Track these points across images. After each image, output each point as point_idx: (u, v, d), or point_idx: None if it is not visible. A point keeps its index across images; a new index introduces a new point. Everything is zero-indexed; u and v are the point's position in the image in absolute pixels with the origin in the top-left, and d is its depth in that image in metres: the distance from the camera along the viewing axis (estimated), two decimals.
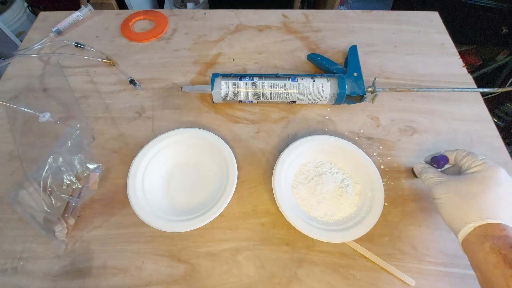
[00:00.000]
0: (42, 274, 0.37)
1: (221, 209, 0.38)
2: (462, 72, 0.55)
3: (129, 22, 0.61)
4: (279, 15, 0.63)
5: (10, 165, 0.45)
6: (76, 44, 0.57)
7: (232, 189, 0.39)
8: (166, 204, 0.41)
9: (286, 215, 0.38)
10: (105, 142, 0.47)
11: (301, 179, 0.42)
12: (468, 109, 0.51)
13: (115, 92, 0.52)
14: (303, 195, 0.41)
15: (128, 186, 0.39)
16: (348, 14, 0.63)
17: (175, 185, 0.43)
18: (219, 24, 0.62)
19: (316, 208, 0.40)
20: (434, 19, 0.63)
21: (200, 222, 0.37)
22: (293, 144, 0.43)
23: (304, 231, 0.37)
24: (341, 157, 0.44)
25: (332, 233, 0.37)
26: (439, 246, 0.39)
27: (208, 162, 0.44)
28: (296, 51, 0.58)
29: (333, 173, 0.42)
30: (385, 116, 0.50)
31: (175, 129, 0.44)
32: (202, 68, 0.55)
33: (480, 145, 0.47)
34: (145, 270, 0.38)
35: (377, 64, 0.56)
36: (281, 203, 0.38)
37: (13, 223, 0.40)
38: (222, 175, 0.42)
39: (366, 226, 0.37)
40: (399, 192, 0.43)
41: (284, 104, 0.51)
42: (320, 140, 0.44)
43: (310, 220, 0.39)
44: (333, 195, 0.41)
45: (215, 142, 0.43)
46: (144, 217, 0.37)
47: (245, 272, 0.38)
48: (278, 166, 0.41)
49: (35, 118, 0.47)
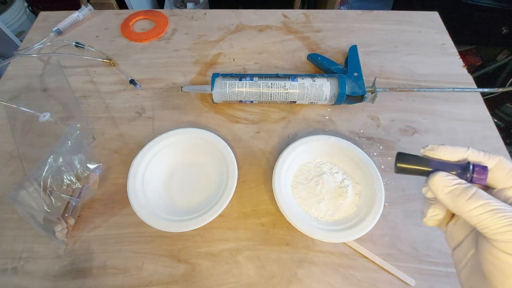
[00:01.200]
0: (42, 274, 0.37)
1: (221, 209, 0.38)
2: (462, 72, 0.55)
3: (129, 22, 0.61)
4: (279, 15, 0.63)
5: (10, 165, 0.45)
6: (76, 44, 0.57)
7: (232, 189, 0.39)
8: (166, 204, 0.41)
9: (286, 215, 0.38)
10: (105, 142, 0.47)
11: (301, 179, 0.42)
12: (468, 109, 0.51)
13: (115, 92, 0.52)
14: (303, 195, 0.41)
15: (128, 186, 0.39)
16: (348, 14, 0.63)
17: (175, 185, 0.43)
18: (219, 24, 0.62)
19: (316, 208, 0.40)
20: (435, 19, 0.63)
21: (200, 222, 0.37)
22: (293, 144, 0.43)
23: (304, 231, 0.37)
24: (341, 157, 0.44)
25: (332, 233, 0.37)
26: (439, 246, 0.39)
27: (208, 162, 0.44)
28: (296, 51, 0.58)
29: (333, 173, 0.42)
30: (385, 116, 0.50)
31: (175, 129, 0.44)
32: (202, 68, 0.55)
33: (480, 145, 0.47)
34: (145, 270, 0.38)
35: (377, 64, 0.56)
36: (281, 203, 0.38)
37: (13, 223, 0.40)
38: (222, 175, 0.42)
39: (366, 226, 0.37)
40: (399, 192, 0.43)
41: (284, 104, 0.51)
42: (320, 140, 0.44)
43: (310, 220, 0.39)
44: (333, 195, 0.41)
45: (215, 142, 0.43)
46: (144, 217, 0.37)
47: (245, 272, 0.38)
48: (278, 166, 0.41)
49: (35, 118, 0.47)
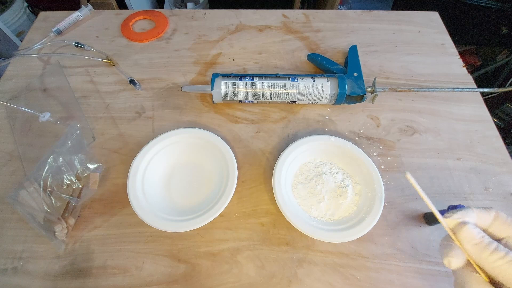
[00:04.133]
0: (42, 274, 0.37)
1: (221, 209, 0.38)
2: (462, 72, 0.55)
3: (129, 22, 0.61)
4: (279, 15, 0.63)
5: (10, 165, 0.45)
6: (76, 44, 0.57)
7: (232, 189, 0.39)
8: (166, 204, 0.41)
9: (286, 215, 0.38)
10: (105, 142, 0.47)
11: (301, 179, 0.43)
12: (468, 109, 0.51)
13: (115, 92, 0.52)
14: (303, 195, 0.41)
15: (128, 186, 0.39)
16: (348, 14, 0.63)
17: (175, 185, 0.43)
18: (219, 24, 0.62)
19: (316, 208, 0.40)
20: (434, 19, 0.63)
21: (200, 222, 0.37)
22: (293, 144, 0.43)
23: (304, 231, 0.37)
24: (341, 157, 0.44)
25: (332, 233, 0.37)
26: (439, 246, 0.39)
27: (208, 162, 0.44)
28: (296, 51, 0.58)
29: (333, 173, 0.42)
30: (385, 116, 0.50)
31: (175, 129, 0.44)
32: (202, 68, 0.55)
33: (480, 145, 0.47)
34: (145, 270, 0.38)
35: (377, 64, 0.56)
36: (281, 203, 0.38)
37: (13, 223, 0.40)
38: (222, 175, 0.42)
39: (366, 226, 0.37)
40: (399, 192, 0.43)
41: (284, 104, 0.51)
42: (320, 140, 0.44)
43: (310, 220, 0.39)
44: (333, 195, 0.41)
45: (215, 142, 0.43)
46: (144, 217, 0.37)
47: (245, 272, 0.38)
48: (278, 166, 0.41)
49: (35, 118, 0.47)
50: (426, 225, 0.40)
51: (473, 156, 0.46)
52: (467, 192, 0.43)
